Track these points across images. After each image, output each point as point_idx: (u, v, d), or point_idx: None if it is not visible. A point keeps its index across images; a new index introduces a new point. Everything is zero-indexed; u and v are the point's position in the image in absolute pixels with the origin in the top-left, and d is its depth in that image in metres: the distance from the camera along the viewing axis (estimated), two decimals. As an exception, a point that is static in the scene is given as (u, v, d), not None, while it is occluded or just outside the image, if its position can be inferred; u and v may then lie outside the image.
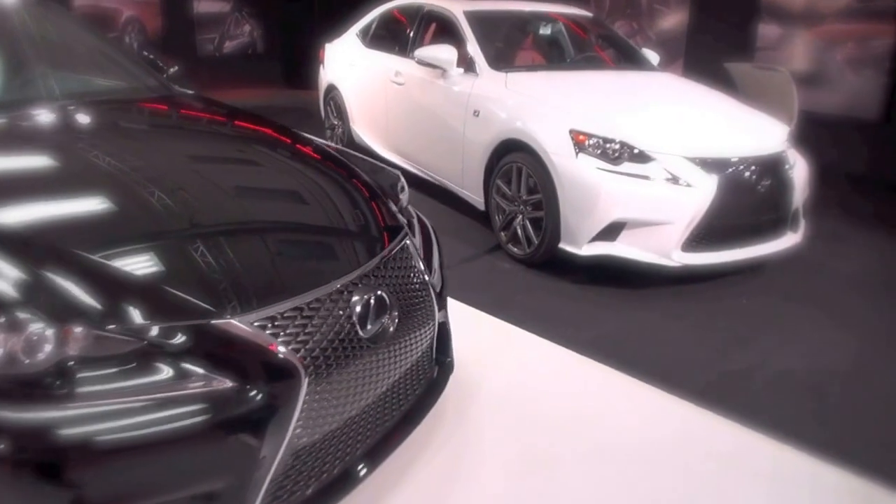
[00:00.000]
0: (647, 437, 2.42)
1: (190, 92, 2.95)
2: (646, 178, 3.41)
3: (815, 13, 6.38)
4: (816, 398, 2.73)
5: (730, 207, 3.51)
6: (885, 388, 2.82)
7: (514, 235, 3.92)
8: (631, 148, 3.46)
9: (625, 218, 3.42)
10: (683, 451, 2.36)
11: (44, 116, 2.34)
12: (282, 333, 1.61)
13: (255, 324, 1.58)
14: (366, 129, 5.62)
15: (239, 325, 1.56)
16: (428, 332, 2.11)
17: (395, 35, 5.38)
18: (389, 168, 2.62)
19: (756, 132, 3.84)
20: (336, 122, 6.06)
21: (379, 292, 1.83)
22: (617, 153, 3.46)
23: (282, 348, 1.59)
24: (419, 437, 2.28)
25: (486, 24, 4.67)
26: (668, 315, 3.39)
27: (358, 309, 1.76)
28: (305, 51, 8.17)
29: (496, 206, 4.06)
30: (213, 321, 1.54)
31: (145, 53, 3.13)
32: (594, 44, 5.08)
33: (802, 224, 3.95)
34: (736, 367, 2.95)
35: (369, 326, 1.79)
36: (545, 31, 4.84)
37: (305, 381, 1.61)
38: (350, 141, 5.82)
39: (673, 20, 7.40)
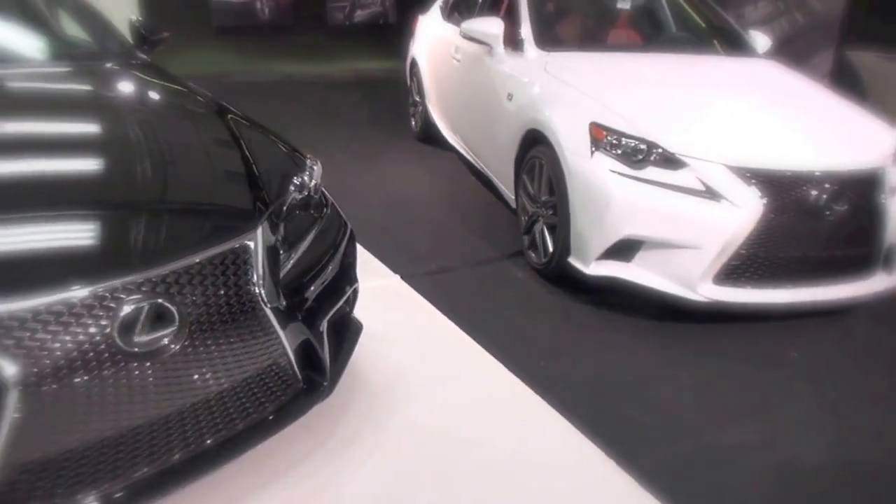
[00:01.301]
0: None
1: (146, 59, 2.76)
2: (672, 187, 2.77)
3: None
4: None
5: (785, 234, 2.77)
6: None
7: (534, 241, 3.42)
8: (658, 149, 2.83)
9: (639, 235, 2.81)
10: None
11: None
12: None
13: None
14: (436, 109, 5.28)
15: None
16: (264, 352, 1.79)
17: (469, 7, 4.95)
18: (302, 155, 2.29)
19: (846, 142, 3.00)
20: (417, 100, 5.78)
21: (160, 301, 1.55)
22: (641, 154, 2.84)
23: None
24: (290, 460, 2.05)
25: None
26: (680, 359, 2.75)
27: (124, 314, 1.49)
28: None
29: (521, 206, 3.58)
30: None
31: (134, 18, 3.00)
32: (697, 22, 4.30)
33: (904, 264, 3.06)
34: (728, 442, 2.29)
35: (138, 339, 1.51)
36: (624, 5, 4.16)
37: (15, 394, 1.38)
38: (426, 121, 5.51)
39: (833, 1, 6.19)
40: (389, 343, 2.71)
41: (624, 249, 2.87)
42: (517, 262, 3.56)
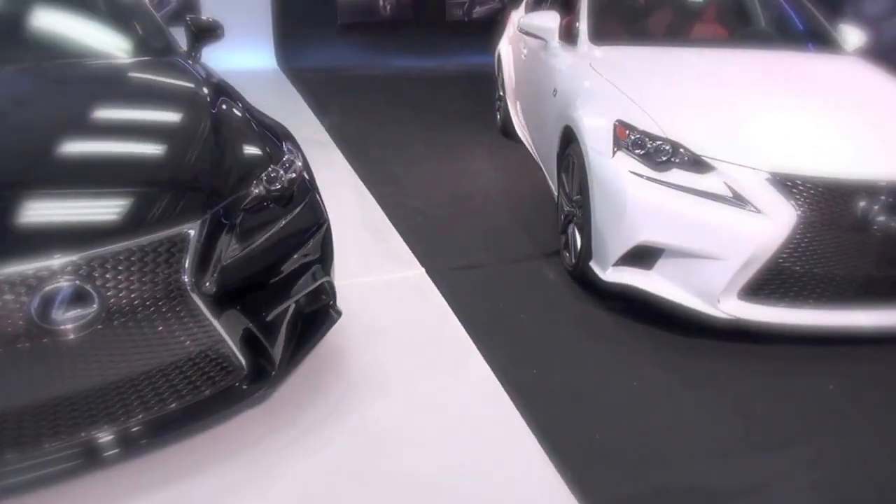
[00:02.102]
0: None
1: (180, 54, 2.93)
2: (695, 192, 2.54)
3: None
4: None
5: (826, 249, 2.45)
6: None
7: (568, 241, 3.27)
8: (683, 150, 2.60)
9: (656, 242, 2.61)
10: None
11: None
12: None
13: None
14: (511, 104, 5.19)
15: None
16: (195, 338, 1.87)
17: (550, 1, 4.78)
18: (281, 144, 2.33)
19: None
20: (501, 94, 5.70)
21: (79, 283, 1.67)
22: (665, 156, 2.62)
23: None
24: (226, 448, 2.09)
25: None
26: (692, 381, 2.51)
27: (44, 293, 1.63)
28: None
29: (560, 204, 3.43)
30: None
31: (190, 17, 3.20)
32: (777, 15, 3.89)
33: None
34: (710, 483, 2.05)
35: (55, 317, 1.64)
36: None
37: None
38: (507, 115, 5.43)
39: None
40: (385, 335, 2.72)
41: (642, 256, 2.67)
42: (552, 263, 3.42)
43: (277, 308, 2.06)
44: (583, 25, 3.60)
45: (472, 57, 9.83)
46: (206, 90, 2.50)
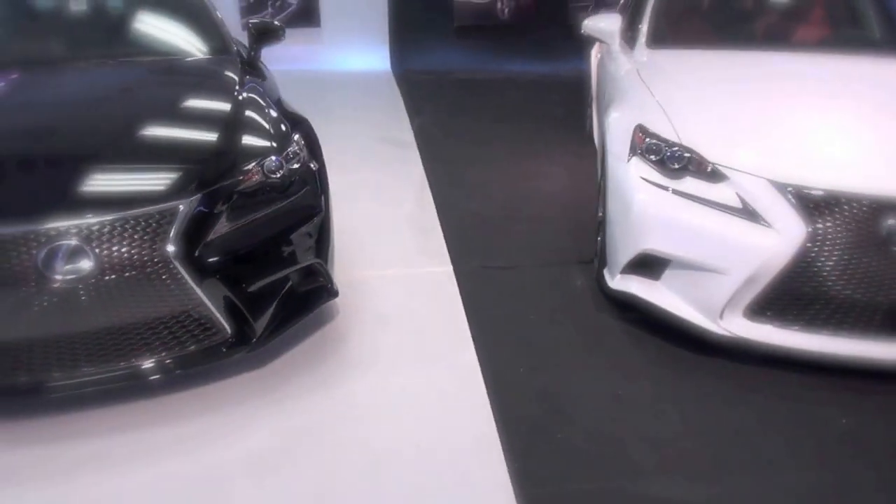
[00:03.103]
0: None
1: (234, 53, 3.21)
2: (705, 202, 2.43)
3: None
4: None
5: (842, 271, 2.25)
6: None
7: (597, 248, 3.21)
8: (696, 158, 2.48)
9: (659, 251, 2.52)
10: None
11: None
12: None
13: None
14: (594, 110, 5.10)
15: None
16: (178, 300, 2.10)
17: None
18: (291, 137, 2.52)
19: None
20: (591, 98, 5.61)
21: (77, 242, 1.96)
22: (679, 163, 2.52)
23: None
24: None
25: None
26: (686, 397, 2.40)
27: (49, 249, 1.95)
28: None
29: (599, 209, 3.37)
30: None
31: (252, 21, 3.51)
32: (865, 15, 3.55)
33: None
34: (662, 495, 1.97)
35: (58, 269, 1.94)
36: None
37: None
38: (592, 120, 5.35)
39: None
40: (390, 325, 2.84)
41: (649, 266, 2.59)
42: (585, 270, 3.35)
43: (260, 282, 2.26)
44: (643, 27, 3.52)
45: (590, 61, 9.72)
46: (236, 86, 2.76)
